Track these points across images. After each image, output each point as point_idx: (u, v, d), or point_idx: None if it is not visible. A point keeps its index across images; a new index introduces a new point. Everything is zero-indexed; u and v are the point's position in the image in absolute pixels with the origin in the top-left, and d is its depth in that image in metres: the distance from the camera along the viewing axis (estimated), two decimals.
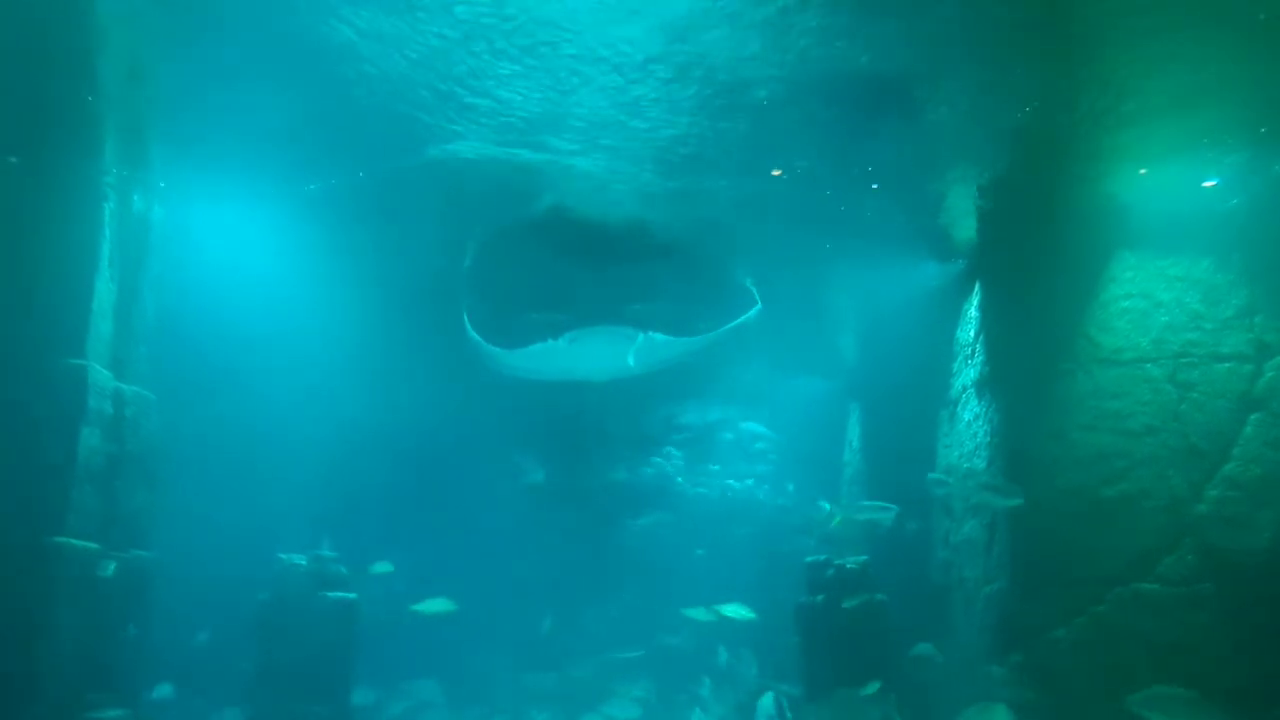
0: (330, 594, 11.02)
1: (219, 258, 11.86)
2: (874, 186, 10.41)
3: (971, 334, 11.28)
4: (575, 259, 11.94)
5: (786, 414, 17.51)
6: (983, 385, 10.81)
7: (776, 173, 10.10)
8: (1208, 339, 9.46)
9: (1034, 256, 10.26)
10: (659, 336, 12.05)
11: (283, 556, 11.02)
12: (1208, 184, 9.66)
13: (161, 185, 10.32)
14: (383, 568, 12.39)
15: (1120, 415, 9.58)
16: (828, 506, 12.50)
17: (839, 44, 7.63)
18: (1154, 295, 9.71)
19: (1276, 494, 8.83)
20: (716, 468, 17.63)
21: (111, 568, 8.84)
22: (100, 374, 8.98)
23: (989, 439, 10.52)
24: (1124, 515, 9.31)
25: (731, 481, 17.57)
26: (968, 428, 11.16)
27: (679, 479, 17.38)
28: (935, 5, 7.18)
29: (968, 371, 11.30)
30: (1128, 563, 9.16)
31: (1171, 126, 8.75)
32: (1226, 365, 9.35)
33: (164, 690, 10.08)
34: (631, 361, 12.33)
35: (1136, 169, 9.50)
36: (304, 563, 10.98)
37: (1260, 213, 9.42)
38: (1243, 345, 9.32)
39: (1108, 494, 9.43)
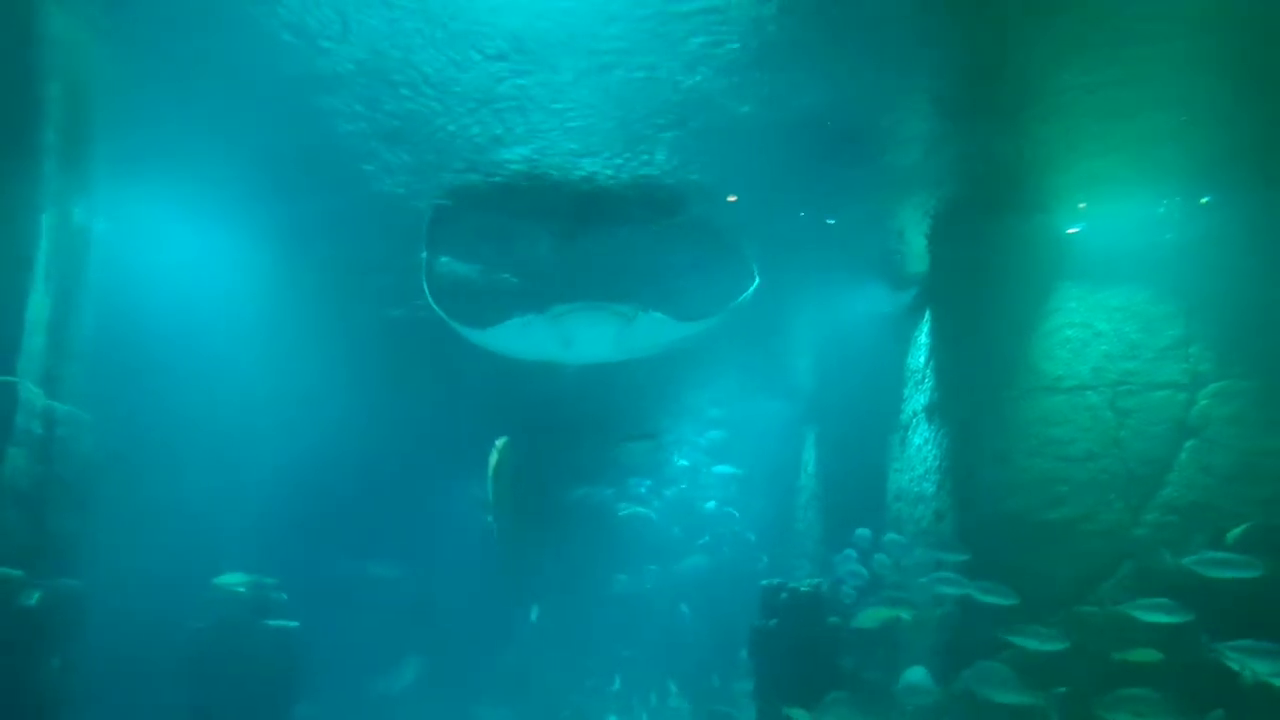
0: (271, 622, 10.64)
1: (166, 274, 11.50)
2: (830, 221, 10.63)
3: (922, 361, 11.51)
4: (554, 220, 10.79)
5: (746, 438, 17.57)
6: (932, 411, 11.03)
7: (731, 199, 10.23)
8: (1145, 368, 9.77)
9: (981, 287, 10.51)
10: (656, 315, 10.66)
11: (220, 583, 10.62)
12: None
13: (106, 198, 9.99)
14: None
15: (1062, 441, 9.83)
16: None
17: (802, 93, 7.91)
18: (1094, 325, 10.01)
19: (1210, 518, 9.11)
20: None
21: (36, 597, 8.38)
22: (30, 391, 8.56)
23: (938, 463, 10.71)
24: (1067, 539, 9.52)
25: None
26: (918, 452, 11.35)
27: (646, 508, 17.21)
28: (885, 63, 7.56)
29: (918, 397, 11.52)
30: (1071, 585, 9.35)
31: (1111, 172, 9.21)
32: (1163, 393, 9.65)
33: None
34: (616, 345, 10.97)
35: (1077, 204, 9.86)
36: (243, 589, 10.59)
37: (1194, 247, 9.79)
38: (1178, 374, 9.64)
39: (1051, 518, 9.64)
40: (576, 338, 10.73)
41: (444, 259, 11.49)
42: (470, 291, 12.03)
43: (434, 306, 10.84)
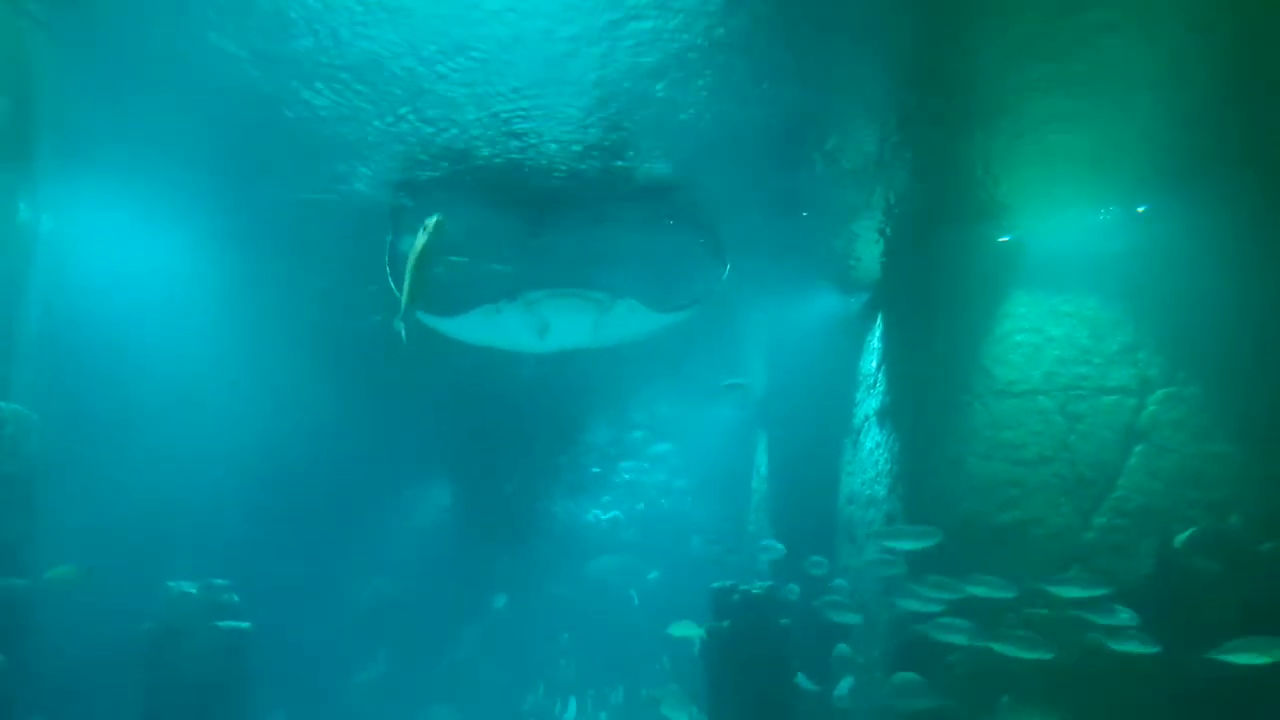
0: (222, 623, 10.55)
1: (117, 273, 11.37)
2: (784, 221, 10.64)
3: (874, 365, 11.58)
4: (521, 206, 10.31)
5: (699, 442, 17.61)
6: (884, 415, 11.08)
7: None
8: (1095, 373, 9.82)
9: (934, 292, 10.60)
10: (630, 302, 10.10)
11: (171, 584, 10.53)
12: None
13: (53, 194, 9.87)
14: None
15: (1014, 445, 9.89)
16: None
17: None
18: (1046, 331, 10.07)
19: (1157, 522, 9.19)
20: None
21: None
22: None
23: (890, 467, 10.77)
24: (1018, 542, 9.59)
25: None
26: (869, 456, 11.40)
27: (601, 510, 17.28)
28: (833, 67, 7.60)
29: (870, 401, 11.58)
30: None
31: (1056, 181, 9.30)
32: (1112, 398, 9.71)
33: None
34: (593, 333, 10.39)
35: (1023, 212, 9.96)
36: (194, 590, 10.51)
37: (1142, 254, 9.85)
38: (1127, 379, 9.70)
39: (1003, 521, 9.70)
40: (552, 325, 10.29)
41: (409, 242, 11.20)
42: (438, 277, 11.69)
43: (396, 292, 9.97)
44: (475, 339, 11.16)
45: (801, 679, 9.86)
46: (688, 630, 10.88)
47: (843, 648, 10.90)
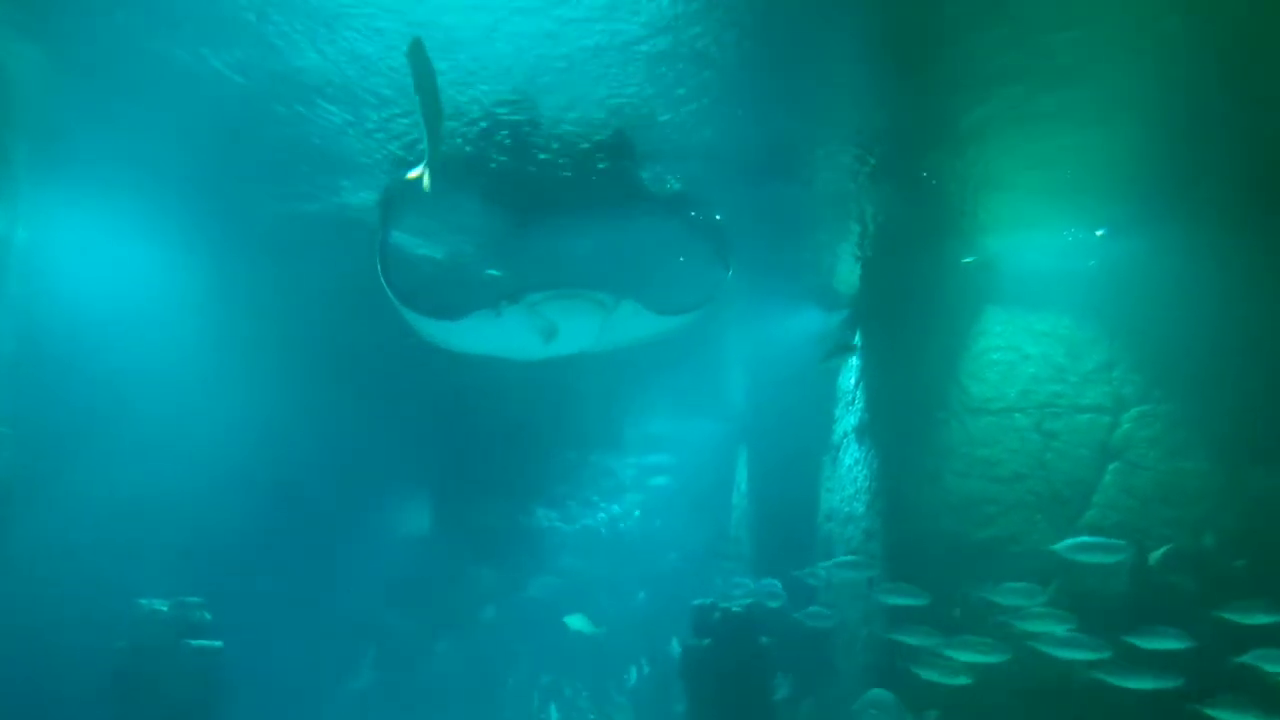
0: (193, 642, 10.38)
1: (94, 285, 11.30)
2: (764, 237, 10.70)
3: (852, 382, 11.66)
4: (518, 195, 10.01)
5: (682, 458, 17.62)
6: (862, 431, 11.15)
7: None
8: (1070, 391, 9.90)
9: (911, 309, 10.70)
10: (632, 304, 9.54)
11: (142, 602, 10.36)
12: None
13: (28, 205, 9.80)
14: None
15: (990, 462, 9.96)
16: None
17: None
18: (1022, 348, 10.16)
19: (1133, 540, 9.19)
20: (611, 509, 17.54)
21: None
22: None
23: (868, 484, 10.82)
24: (994, 559, 9.62)
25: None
26: (848, 472, 11.45)
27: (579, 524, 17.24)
28: (811, 90, 7.69)
29: (849, 418, 11.65)
30: (997, 604, 9.43)
31: (1034, 202, 9.44)
32: (1087, 416, 9.78)
33: None
34: (599, 336, 9.89)
35: (1003, 232, 10.08)
36: (165, 609, 10.34)
37: (1116, 273, 9.98)
38: (1102, 397, 9.78)
39: (980, 538, 9.75)
40: (560, 328, 9.65)
41: (402, 240, 10.71)
42: (433, 278, 11.41)
43: (390, 294, 9.54)
44: (471, 347, 10.64)
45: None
46: (582, 625, 10.99)
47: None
